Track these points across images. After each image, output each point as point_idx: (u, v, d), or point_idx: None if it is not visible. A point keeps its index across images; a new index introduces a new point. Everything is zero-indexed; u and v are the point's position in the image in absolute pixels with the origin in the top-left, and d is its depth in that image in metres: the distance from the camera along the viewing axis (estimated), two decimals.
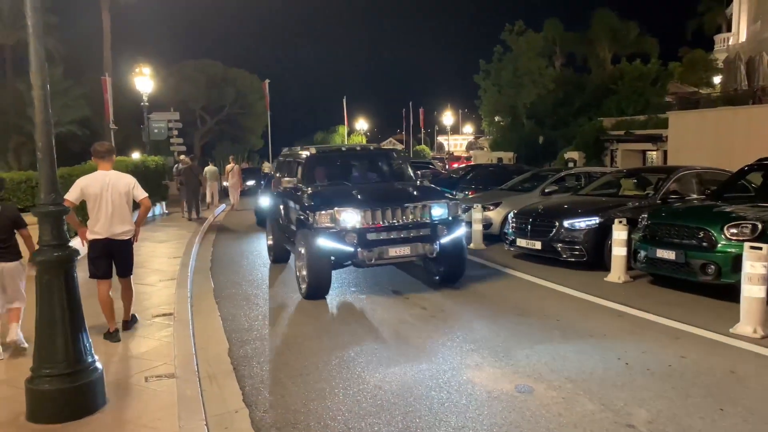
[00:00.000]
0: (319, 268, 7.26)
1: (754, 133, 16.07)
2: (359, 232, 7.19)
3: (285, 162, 10.27)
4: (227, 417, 4.20)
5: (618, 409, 4.21)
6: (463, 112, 56.23)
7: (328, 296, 7.67)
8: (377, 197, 7.64)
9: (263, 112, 40.44)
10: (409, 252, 7.36)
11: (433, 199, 7.73)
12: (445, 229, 7.55)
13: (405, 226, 7.39)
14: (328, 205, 7.30)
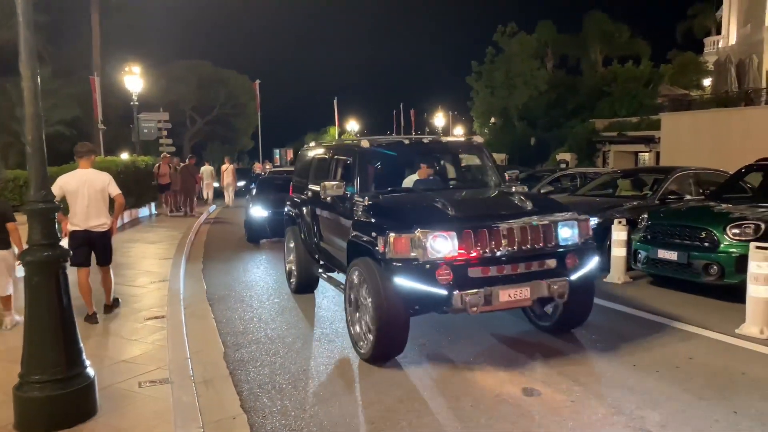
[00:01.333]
0: (392, 319, 4.84)
1: (749, 134, 16.09)
2: (457, 265, 4.78)
3: (314, 159, 7.68)
4: (225, 423, 4.04)
5: (630, 413, 4.09)
6: (454, 114, 56.15)
7: (325, 293, 7.52)
8: (478, 211, 5.30)
9: (254, 112, 40.24)
10: (529, 294, 4.93)
11: (557, 214, 5.29)
12: (577, 259, 5.20)
13: (524, 256, 4.99)
14: (406, 224, 4.88)
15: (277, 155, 47.99)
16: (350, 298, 5.52)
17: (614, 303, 7.06)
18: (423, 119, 58.12)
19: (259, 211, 12.35)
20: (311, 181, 7.43)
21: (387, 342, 4.96)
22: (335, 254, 6.54)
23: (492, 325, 6.21)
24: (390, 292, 4.82)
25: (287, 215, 8.19)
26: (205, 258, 11.18)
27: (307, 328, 6.40)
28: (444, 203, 5.22)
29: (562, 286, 5.00)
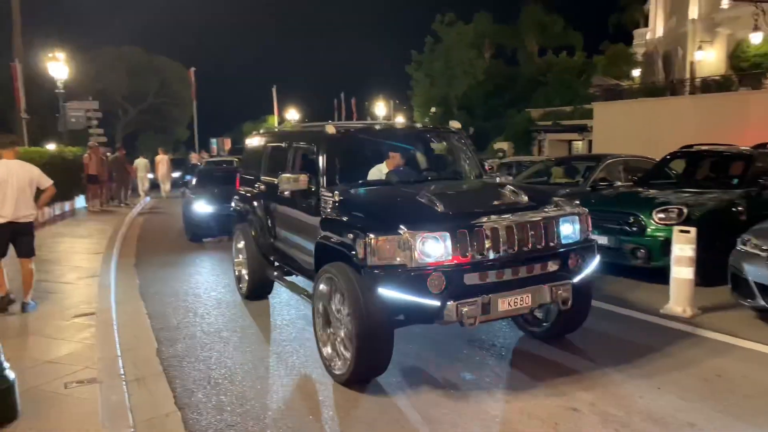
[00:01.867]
0: (375, 334, 4.16)
1: (674, 122, 16.82)
2: (451, 271, 4.10)
3: (266, 148, 6.77)
4: (158, 421, 3.92)
5: (564, 393, 4.21)
6: (395, 103, 56.31)
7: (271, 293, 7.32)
8: (470, 207, 4.55)
9: (189, 101, 39.10)
10: (531, 301, 4.35)
11: (557, 208, 4.64)
12: (579, 259, 4.63)
13: (525, 257, 4.36)
14: (389, 223, 4.14)
15: (214, 145, 46.77)
16: (319, 310, 4.77)
17: None
18: (364, 108, 58.06)
19: (202, 206, 11.13)
20: (264, 172, 6.61)
21: (369, 361, 4.26)
22: (295, 256, 5.85)
23: (475, 332, 5.42)
24: (372, 304, 4.10)
25: (235, 211, 7.36)
26: (138, 252, 10.80)
27: (244, 321, 6.27)
28: (430, 198, 4.47)
29: (566, 290, 4.44)
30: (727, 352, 4.97)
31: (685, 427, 3.69)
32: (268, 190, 6.34)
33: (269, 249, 6.50)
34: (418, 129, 6.62)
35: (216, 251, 10.46)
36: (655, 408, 3.96)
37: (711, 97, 17.26)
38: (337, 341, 4.54)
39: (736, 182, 7.89)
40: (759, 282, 5.40)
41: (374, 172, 5.67)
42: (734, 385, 4.32)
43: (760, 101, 15.68)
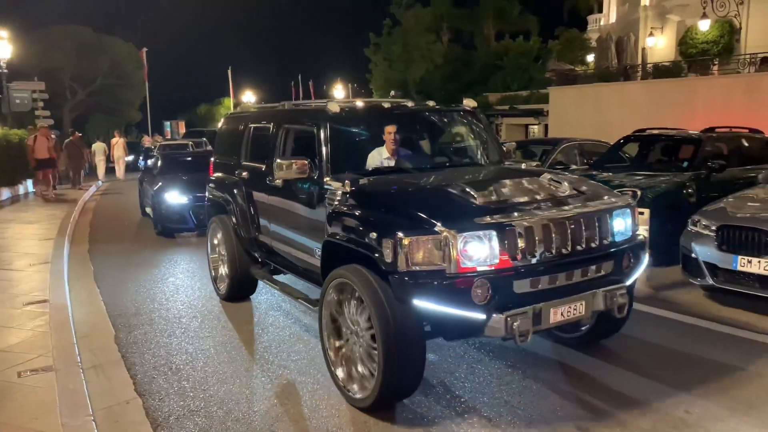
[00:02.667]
0: (406, 350, 3.53)
1: (627, 107, 17.23)
2: (498, 277, 3.47)
3: (248, 130, 5.96)
4: (117, 409, 3.84)
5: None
6: (353, 86, 55.93)
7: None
8: (512, 199, 3.83)
9: (141, 82, 37.99)
10: (584, 309, 3.77)
11: (607, 199, 4.05)
12: (632, 258, 4.07)
13: (579, 259, 3.76)
14: (422, 220, 3.51)
15: (168, 128, 45.67)
16: (329, 322, 4.09)
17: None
18: (322, 91, 57.52)
19: (175, 196, 9.84)
20: (246, 158, 5.89)
21: (399, 381, 3.59)
22: (289, 253, 5.19)
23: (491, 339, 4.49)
24: (402, 316, 3.48)
25: (211, 201, 6.55)
26: (92, 237, 10.50)
27: (204, 305, 6.18)
28: (463, 188, 3.83)
29: (622, 295, 3.88)
30: (675, 328, 5.15)
31: (610, 393, 3.83)
32: (252, 178, 5.63)
33: (253, 244, 5.80)
34: (430, 108, 5.71)
35: (180, 240, 10.23)
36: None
37: (661, 83, 17.72)
38: (351, 358, 3.91)
39: (686, 165, 8.14)
40: (707, 261, 5.61)
41: (374, 156, 4.90)
42: (672, 359, 4.50)
43: (707, 87, 16.20)
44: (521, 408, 3.77)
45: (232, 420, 3.72)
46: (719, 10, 20.61)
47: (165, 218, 10.03)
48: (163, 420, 3.72)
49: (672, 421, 3.54)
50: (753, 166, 8.27)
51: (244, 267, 5.94)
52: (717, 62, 19.77)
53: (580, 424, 3.55)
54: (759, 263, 5.17)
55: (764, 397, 3.81)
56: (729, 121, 11.23)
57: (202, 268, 7.65)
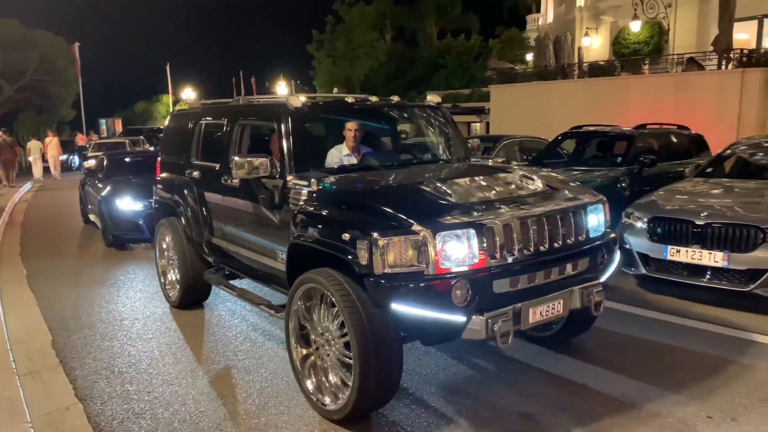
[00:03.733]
0: (384, 357, 3.38)
1: (565, 104, 17.76)
2: (478, 277, 3.37)
3: (198, 127, 5.68)
4: (57, 415, 3.72)
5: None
6: (296, 83, 55.45)
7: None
8: (488, 196, 3.74)
9: (74, 79, 36.49)
10: (562, 308, 3.73)
11: (581, 196, 4.01)
12: (606, 255, 4.07)
13: (557, 257, 3.70)
14: (398, 219, 3.38)
15: (104, 126, 44.12)
16: (297, 330, 3.89)
17: None
18: (265, 88, 56.79)
19: (128, 203, 8.81)
20: (197, 156, 5.62)
21: (376, 390, 3.42)
22: (247, 257, 4.91)
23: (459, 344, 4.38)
24: (380, 322, 3.34)
25: (159, 203, 6.25)
26: (25, 238, 10.06)
27: (147, 307, 6.04)
28: (436, 186, 3.75)
29: (599, 293, 3.86)
30: (611, 315, 5.38)
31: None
32: (204, 177, 5.37)
33: (206, 248, 5.53)
34: (395, 104, 5.46)
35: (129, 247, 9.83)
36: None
37: (597, 81, 18.36)
38: (321, 367, 3.75)
39: (620, 160, 8.49)
40: (640, 252, 5.88)
41: (333, 154, 4.79)
42: (608, 342, 4.72)
43: (639, 85, 16.88)
44: (468, 397, 3.86)
45: (179, 421, 3.66)
46: (649, 11, 21.49)
47: (116, 227, 8.96)
48: (106, 424, 3.63)
49: (609, 402, 3.71)
50: (681, 160, 8.70)
51: (197, 272, 5.66)
52: (648, 62, 20.63)
53: (523, 410, 3.67)
54: (687, 252, 5.46)
55: (691, 374, 4.03)
56: (660, 117, 11.78)
57: (145, 271, 7.47)
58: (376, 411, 3.64)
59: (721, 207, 5.66)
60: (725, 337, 4.75)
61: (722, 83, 14.91)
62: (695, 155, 9.16)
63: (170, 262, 6.02)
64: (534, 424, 3.52)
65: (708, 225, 5.36)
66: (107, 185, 9.41)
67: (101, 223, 9.37)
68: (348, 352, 3.43)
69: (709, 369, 4.16)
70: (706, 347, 4.56)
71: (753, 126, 14.26)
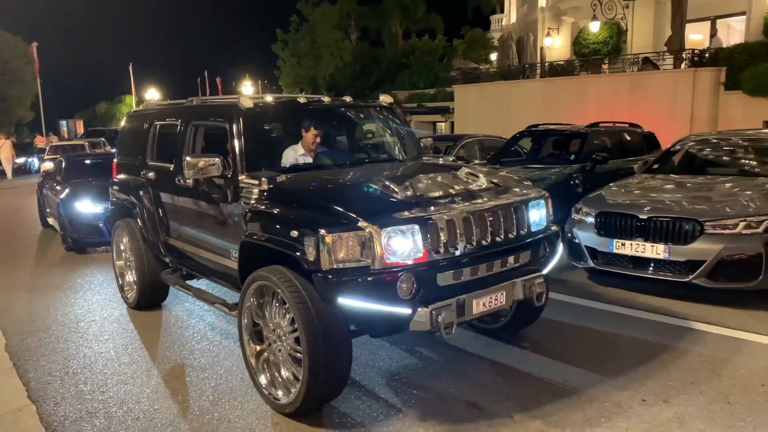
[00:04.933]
0: (332, 351, 3.50)
1: (525, 104, 18.12)
2: (422, 270, 3.51)
3: (153, 128, 5.73)
4: (9, 417, 3.74)
5: None
6: (263, 83, 55.13)
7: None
8: (433, 193, 3.87)
9: (32, 79, 35.69)
10: (504, 299, 3.89)
11: (523, 191, 4.20)
12: (548, 248, 4.26)
13: (498, 250, 3.86)
14: (344, 216, 3.48)
15: (65, 127, 43.23)
16: (250, 326, 3.97)
17: None
18: (231, 88, 56.30)
19: (87, 205, 8.70)
20: (152, 157, 5.67)
21: (326, 383, 3.51)
22: (201, 257, 4.96)
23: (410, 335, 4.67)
24: (327, 316, 3.46)
25: (115, 205, 6.28)
26: None
27: (104, 310, 6.02)
28: (384, 183, 3.85)
29: (540, 284, 4.04)
30: (560, 307, 5.58)
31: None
32: (159, 178, 5.42)
33: (162, 248, 5.56)
34: (347, 104, 5.56)
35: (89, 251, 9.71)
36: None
37: (556, 81, 18.76)
38: (273, 363, 3.84)
39: (573, 158, 8.74)
40: (588, 245, 6.10)
41: (289, 154, 4.82)
42: (558, 333, 4.91)
43: (597, 85, 17.31)
44: (418, 388, 3.99)
45: (132, 419, 3.71)
46: (608, 12, 22.03)
47: (75, 231, 8.82)
48: (59, 424, 3.66)
49: (551, 389, 3.88)
50: (633, 157, 8.99)
51: (154, 273, 5.69)
52: (607, 62, 21.13)
53: (470, 399, 3.82)
54: (631, 245, 5.69)
55: (630, 360, 4.23)
56: (616, 116, 12.13)
57: (104, 274, 7.43)
58: (327, 404, 3.74)
59: (663, 201, 5.90)
60: (665, 326, 4.99)
61: (675, 82, 15.42)
62: (647, 152, 9.47)
63: (127, 264, 6.02)
64: (479, 411, 3.67)
65: (650, 219, 5.59)
66: (66, 188, 9.22)
67: (60, 227, 9.22)
68: (298, 347, 3.54)
69: (648, 355, 4.37)
70: (646, 335, 4.79)
71: (705, 123, 14.80)
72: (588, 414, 3.56)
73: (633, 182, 6.83)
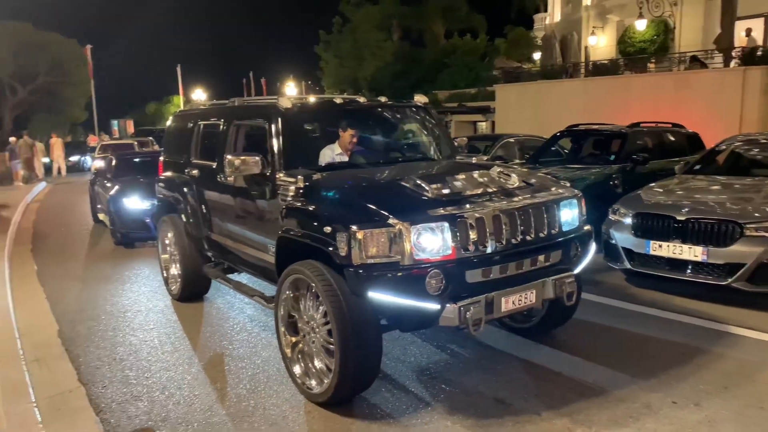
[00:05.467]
0: (362, 343, 3.62)
1: (566, 103, 17.89)
2: (451, 267, 3.57)
3: (197, 128, 5.93)
4: (60, 398, 3.97)
5: None
6: (306, 83, 55.83)
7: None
8: (464, 192, 3.91)
9: (86, 80, 36.99)
10: (534, 298, 3.92)
11: (555, 191, 4.22)
12: (580, 247, 4.25)
13: (529, 248, 3.90)
14: (376, 213, 3.59)
15: (116, 127, 44.68)
16: (285, 318, 4.14)
17: None
18: (275, 88, 57.23)
19: (135, 202, 8.99)
20: (196, 155, 5.87)
21: (356, 375, 3.65)
22: (242, 251, 5.14)
23: (438, 329, 4.58)
24: (358, 309, 3.57)
25: (161, 201, 6.52)
26: (36, 236, 10.39)
27: (150, 301, 6.29)
28: (415, 182, 3.93)
29: (571, 284, 4.05)
30: (596, 308, 5.55)
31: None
32: (202, 175, 5.64)
33: (205, 243, 5.75)
34: (382, 104, 5.80)
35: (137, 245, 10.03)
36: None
37: (599, 80, 18.47)
38: (307, 354, 3.97)
39: (613, 158, 8.64)
40: (625, 246, 6.05)
41: (326, 153, 4.96)
42: (590, 333, 4.90)
43: (641, 84, 16.96)
44: (447, 383, 4.07)
45: (174, 403, 3.90)
46: (654, 10, 21.55)
47: (123, 225, 9.14)
48: (106, 406, 3.88)
49: (580, 388, 3.91)
50: (675, 158, 8.82)
51: (197, 266, 5.90)
52: (654, 60, 20.68)
53: (498, 395, 3.88)
54: (668, 247, 5.62)
55: (663, 363, 4.21)
56: (660, 116, 11.88)
57: (150, 268, 7.73)
58: (358, 395, 3.85)
59: (702, 203, 5.81)
60: (701, 329, 4.92)
61: (723, 81, 14.97)
62: (690, 153, 9.27)
63: (172, 257, 6.25)
64: (506, 407, 3.72)
65: (688, 220, 5.52)
66: (116, 185, 9.63)
67: (110, 222, 9.60)
68: (331, 338, 3.66)
69: (681, 358, 4.34)
70: (681, 338, 4.74)
71: (755, 124, 14.32)
72: (616, 414, 3.58)
73: (672, 183, 6.73)
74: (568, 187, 4.38)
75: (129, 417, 3.74)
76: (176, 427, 3.60)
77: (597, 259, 6.66)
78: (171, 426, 3.62)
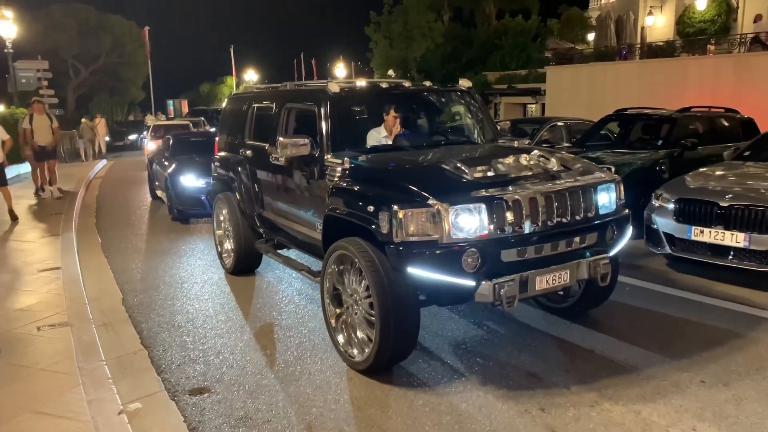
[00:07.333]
0: (402, 316, 3.84)
1: (620, 86, 17.54)
2: (487, 246, 3.74)
3: (251, 110, 6.21)
4: (126, 358, 4.35)
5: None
6: (356, 64, 56.11)
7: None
8: (502, 174, 4.04)
9: (144, 61, 38.22)
10: (569, 278, 4.07)
11: (593, 175, 4.31)
12: (616, 231, 4.33)
13: (564, 230, 4.02)
14: (417, 194, 3.78)
15: (171, 107, 46.06)
16: (330, 291, 4.39)
17: None
18: (325, 70, 57.71)
19: (191, 180, 9.38)
20: (249, 137, 6.15)
21: (394, 346, 3.89)
22: (291, 228, 5.43)
23: (476, 306, 5.06)
24: (398, 284, 3.80)
25: (217, 179, 6.83)
26: (99, 212, 11.03)
27: (205, 273, 6.69)
28: (456, 165, 4.08)
29: (605, 266, 4.16)
30: (637, 292, 5.62)
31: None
32: (255, 156, 5.91)
33: (257, 220, 6.06)
34: (427, 88, 5.98)
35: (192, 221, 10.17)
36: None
37: (654, 62, 17.98)
38: (352, 326, 4.21)
39: (661, 143, 8.55)
40: (666, 232, 6.06)
41: (373, 135, 5.19)
42: (627, 316, 4.99)
43: (699, 67, 16.45)
44: (482, 357, 4.27)
45: (227, 367, 4.24)
46: None
47: (180, 202, 9.55)
48: (166, 367, 4.24)
49: (611, 365, 4.04)
50: (725, 144, 8.65)
51: (249, 242, 6.25)
52: (713, 42, 19.97)
53: (530, 369, 4.06)
54: (710, 233, 5.63)
55: (696, 344, 4.29)
56: (717, 100, 11.58)
57: (205, 243, 8.16)
58: (397, 364, 4.11)
59: (747, 189, 5.77)
60: (739, 314, 4.96)
61: None
62: (743, 139, 9.05)
63: (226, 233, 6.64)
64: (537, 381, 3.91)
65: (731, 207, 5.50)
66: (173, 163, 10.08)
67: (167, 199, 10.15)
68: (372, 311, 3.91)
69: (714, 341, 4.41)
70: (717, 322, 4.79)
71: None
72: (644, 390, 3.71)
73: (718, 169, 6.67)
74: (607, 171, 4.46)
75: (187, 378, 4.09)
76: (229, 388, 3.92)
77: (639, 244, 6.74)
78: (225, 386, 3.95)
